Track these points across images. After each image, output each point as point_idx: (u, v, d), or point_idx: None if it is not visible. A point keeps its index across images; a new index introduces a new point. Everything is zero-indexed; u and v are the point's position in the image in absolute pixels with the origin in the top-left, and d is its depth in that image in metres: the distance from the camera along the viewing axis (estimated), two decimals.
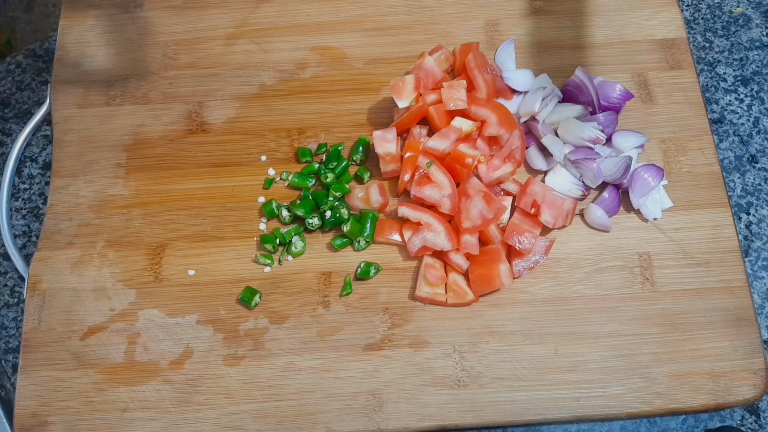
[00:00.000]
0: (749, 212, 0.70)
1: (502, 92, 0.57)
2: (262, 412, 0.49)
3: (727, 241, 0.53)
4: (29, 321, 0.52)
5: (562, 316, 0.51)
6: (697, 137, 0.57)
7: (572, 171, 0.55)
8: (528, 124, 0.57)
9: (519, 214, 0.53)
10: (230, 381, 0.50)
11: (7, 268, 0.67)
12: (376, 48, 0.61)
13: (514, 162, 0.54)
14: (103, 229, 0.55)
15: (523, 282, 0.52)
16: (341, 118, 0.58)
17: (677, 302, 0.52)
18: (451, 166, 0.53)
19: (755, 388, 0.49)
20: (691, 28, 0.78)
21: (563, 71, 0.59)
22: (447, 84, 0.55)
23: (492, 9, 0.63)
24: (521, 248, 0.51)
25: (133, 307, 0.52)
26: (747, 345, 0.50)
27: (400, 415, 0.49)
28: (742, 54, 0.77)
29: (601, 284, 0.52)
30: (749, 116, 0.73)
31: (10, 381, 0.62)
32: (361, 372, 0.50)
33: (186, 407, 0.49)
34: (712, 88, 0.75)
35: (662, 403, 0.49)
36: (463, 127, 0.54)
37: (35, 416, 0.49)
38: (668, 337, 0.51)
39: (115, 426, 0.49)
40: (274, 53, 0.61)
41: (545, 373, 0.50)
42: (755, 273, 0.67)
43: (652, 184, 0.53)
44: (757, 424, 0.63)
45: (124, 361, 0.51)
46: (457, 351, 0.50)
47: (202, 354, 0.51)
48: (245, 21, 0.62)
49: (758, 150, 0.72)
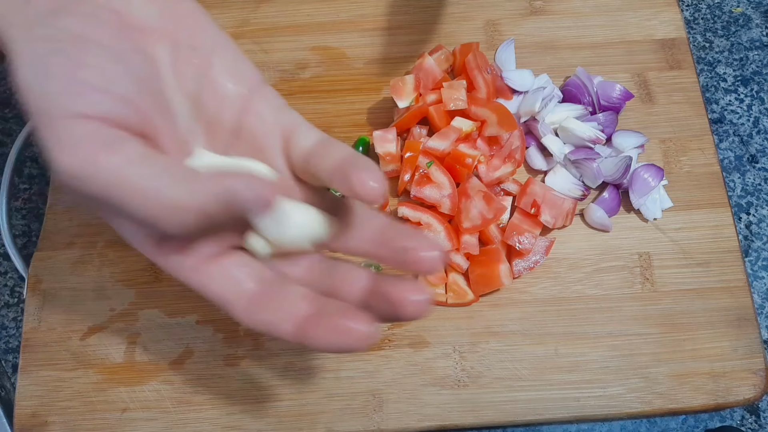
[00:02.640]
0: (749, 212, 0.70)
1: (502, 92, 0.57)
2: (262, 412, 0.49)
3: (727, 241, 0.54)
4: (29, 321, 0.52)
5: (562, 316, 0.51)
6: (697, 137, 0.57)
7: (572, 171, 0.55)
8: (528, 124, 0.57)
9: (519, 214, 0.53)
10: (230, 381, 0.50)
11: (7, 268, 0.67)
12: (376, 48, 0.61)
13: (514, 162, 0.54)
14: (103, 229, 0.55)
15: (523, 282, 0.53)
16: (341, 118, 0.58)
17: (677, 302, 0.52)
18: (451, 166, 0.53)
19: (755, 388, 0.49)
20: (691, 28, 0.78)
21: (563, 71, 0.59)
22: (447, 84, 0.55)
23: (492, 9, 0.63)
24: (521, 248, 0.51)
25: (133, 307, 0.52)
26: (747, 345, 0.50)
27: (400, 415, 0.49)
28: (742, 54, 0.77)
29: (601, 284, 0.52)
30: (749, 116, 0.73)
31: (10, 381, 0.62)
32: (361, 372, 0.50)
33: (186, 407, 0.49)
34: (712, 88, 0.75)
35: (662, 403, 0.49)
36: (463, 127, 0.54)
37: (35, 416, 0.49)
38: (668, 337, 0.51)
39: (115, 426, 0.49)
40: (274, 53, 0.61)
41: (545, 373, 0.50)
42: (755, 273, 0.67)
43: (652, 184, 0.53)
44: (757, 424, 0.63)
45: (124, 361, 0.51)
46: (457, 351, 0.50)
47: (202, 354, 0.51)
48: (245, 21, 0.62)
49: (758, 150, 0.72)
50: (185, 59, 0.33)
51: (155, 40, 0.32)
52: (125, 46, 0.30)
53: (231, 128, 0.34)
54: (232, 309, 0.33)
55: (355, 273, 0.34)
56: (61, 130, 0.27)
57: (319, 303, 0.32)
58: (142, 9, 0.32)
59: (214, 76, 0.34)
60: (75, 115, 0.28)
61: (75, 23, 0.29)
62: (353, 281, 0.34)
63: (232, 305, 0.33)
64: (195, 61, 0.33)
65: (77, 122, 0.28)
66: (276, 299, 0.33)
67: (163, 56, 0.32)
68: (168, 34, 0.33)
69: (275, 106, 0.35)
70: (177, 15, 0.33)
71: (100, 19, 0.30)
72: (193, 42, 0.33)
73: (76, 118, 0.28)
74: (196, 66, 0.33)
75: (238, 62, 0.35)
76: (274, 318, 0.32)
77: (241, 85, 0.34)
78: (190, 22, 0.34)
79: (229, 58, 0.34)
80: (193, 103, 0.33)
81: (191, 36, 0.33)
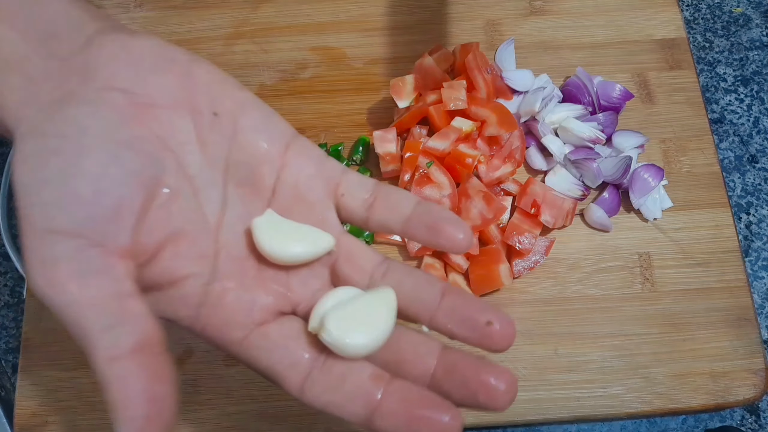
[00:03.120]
0: (749, 212, 0.70)
1: (502, 92, 0.57)
2: (262, 412, 0.49)
3: (727, 241, 0.53)
4: (29, 321, 0.52)
5: (562, 316, 0.51)
6: (697, 137, 0.57)
7: (572, 171, 0.55)
8: (528, 124, 0.57)
9: (519, 214, 0.53)
10: (230, 381, 0.50)
11: (7, 268, 0.67)
12: (376, 48, 0.61)
13: (514, 162, 0.54)
14: None
15: (523, 282, 0.52)
16: (341, 118, 0.58)
17: (677, 302, 0.52)
18: (451, 166, 0.53)
19: (755, 388, 0.49)
20: (691, 28, 0.78)
21: (563, 71, 0.59)
22: (447, 84, 0.55)
23: (492, 9, 0.63)
24: (521, 248, 0.51)
25: None
26: (747, 345, 0.50)
27: None
28: (742, 54, 0.77)
29: (601, 284, 0.52)
30: (749, 116, 0.73)
31: (10, 381, 0.62)
32: None
33: (186, 407, 0.49)
34: (712, 88, 0.75)
35: (662, 403, 0.49)
36: (463, 127, 0.54)
37: (35, 416, 0.49)
38: (668, 337, 0.51)
39: None
40: (274, 53, 0.61)
41: (545, 373, 0.50)
42: (755, 273, 0.67)
43: (652, 184, 0.53)
44: (757, 424, 0.63)
45: None
46: None
47: (202, 354, 0.51)
48: (245, 21, 0.62)
49: (758, 150, 0.72)
50: (210, 126, 0.31)
51: (171, 113, 0.30)
52: (133, 131, 0.28)
53: (273, 187, 0.32)
54: (284, 384, 0.30)
55: (424, 346, 0.30)
56: (40, 245, 0.26)
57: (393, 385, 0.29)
58: (154, 82, 0.29)
59: (244, 138, 0.31)
60: (58, 232, 0.26)
61: (79, 113, 0.27)
62: (423, 355, 0.30)
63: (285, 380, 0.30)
64: (221, 126, 0.31)
65: (59, 239, 0.26)
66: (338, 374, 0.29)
67: (183, 128, 0.30)
68: (186, 104, 0.30)
69: (315, 157, 0.33)
70: (195, 82, 0.31)
71: (105, 104, 0.28)
72: (217, 107, 0.31)
73: (59, 234, 0.26)
74: (223, 130, 0.31)
75: (267, 120, 0.33)
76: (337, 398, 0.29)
77: (275, 141, 0.32)
78: (211, 86, 0.31)
79: (258, 117, 0.32)
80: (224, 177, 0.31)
81: (213, 102, 0.31)
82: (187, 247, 0.29)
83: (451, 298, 0.31)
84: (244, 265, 0.31)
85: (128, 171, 0.27)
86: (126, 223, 0.27)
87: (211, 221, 0.31)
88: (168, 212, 0.29)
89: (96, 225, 0.26)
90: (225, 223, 0.31)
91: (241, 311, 0.30)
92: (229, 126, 0.31)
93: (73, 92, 0.28)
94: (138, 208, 0.27)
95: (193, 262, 0.30)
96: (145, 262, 0.28)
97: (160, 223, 0.28)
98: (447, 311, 0.30)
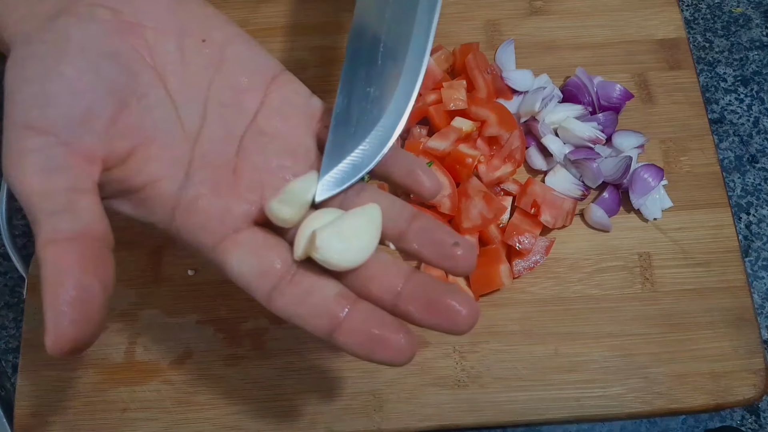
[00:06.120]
0: (749, 212, 0.70)
1: (502, 92, 0.57)
2: (262, 412, 0.49)
3: (727, 241, 0.53)
4: (29, 321, 0.52)
5: (562, 316, 0.51)
6: (697, 137, 0.57)
7: (572, 171, 0.55)
8: (528, 124, 0.57)
9: (519, 214, 0.53)
10: (230, 381, 0.50)
11: (7, 268, 0.67)
12: None
13: (514, 162, 0.54)
14: None
15: (523, 282, 0.52)
16: None
17: (677, 302, 0.52)
18: (451, 166, 0.53)
19: (755, 388, 0.49)
20: (691, 28, 0.78)
21: (563, 71, 0.59)
22: (447, 84, 0.55)
23: (492, 9, 0.63)
24: (521, 248, 0.51)
25: (133, 307, 0.52)
26: (747, 345, 0.50)
27: (400, 415, 0.49)
28: (742, 54, 0.77)
29: (601, 284, 0.52)
30: (749, 116, 0.73)
31: (10, 381, 0.62)
32: (361, 372, 0.50)
33: (186, 407, 0.49)
34: (712, 88, 0.75)
35: (662, 403, 0.49)
36: (463, 127, 0.54)
37: (35, 416, 0.49)
38: (668, 337, 0.51)
39: (115, 426, 0.49)
40: (274, 53, 0.61)
41: (545, 373, 0.50)
42: (755, 273, 0.67)
43: (652, 184, 0.53)
44: (757, 424, 0.63)
45: (124, 361, 0.51)
46: (457, 351, 0.50)
47: (202, 354, 0.51)
48: (245, 21, 0.62)
49: (758, 150, 0.72)
50: (195, 51, 0.32)
51: (156, 34, 0.31)
52: (114, 44, 0.30)
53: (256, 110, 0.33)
54: (253, 292, 0.31)
55: (395, 266, 0.32)
56: (16, 137, 0.28)
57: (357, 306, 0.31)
58: (144, 7, 0.31)
59: (229, 67, 0.33)
60: (31, 127, 0.28)
61: (66, 23, 0.29)
62: (393, 275, 0.31)
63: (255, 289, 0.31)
64: (207, 53, 0.32)
65: (32, 134, 0.27)
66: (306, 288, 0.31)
67: (168, 51, 0.32)
68: (173, 29, 0.32)
69: (300, 90, 0.35)
70: (185, 10, 0.33)
71: (92, 18, 0.30)
72: (205, 35, 0.33)
73: (31, 129, 0.28)
74: (209, 56, 0.33)
75: (254, 53, 0.34)
76: (303, 311, 0.31)
77: (261, 73, 0.34)
78: (201, 17, 0.33)
79: (245, 49, 0.34)
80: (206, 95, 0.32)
81: (202, 29, 0.33)
82: (160, 151, 0.31)
83: (421, 221, 0.33)
84: (219, 174, 0.32)
85: (103, 78, 0.29)
86: (95, 126, 0.29)
87: (189, 132, 0.32)
88: (141, 119, 0.30)
89: (66, 125, 0.28)
90: (203, 135, 0.32)
91: (215, 217, 0.31)
92: (215, 53, 0.33)
93: (65, 8, 0.30)
94: (109, 114, 0.29)
95: (166, 165, 0.31)
96: (118, 162, 0.30)
97: (133, 129, 0.30)
98: (416, 231, 0.32)
